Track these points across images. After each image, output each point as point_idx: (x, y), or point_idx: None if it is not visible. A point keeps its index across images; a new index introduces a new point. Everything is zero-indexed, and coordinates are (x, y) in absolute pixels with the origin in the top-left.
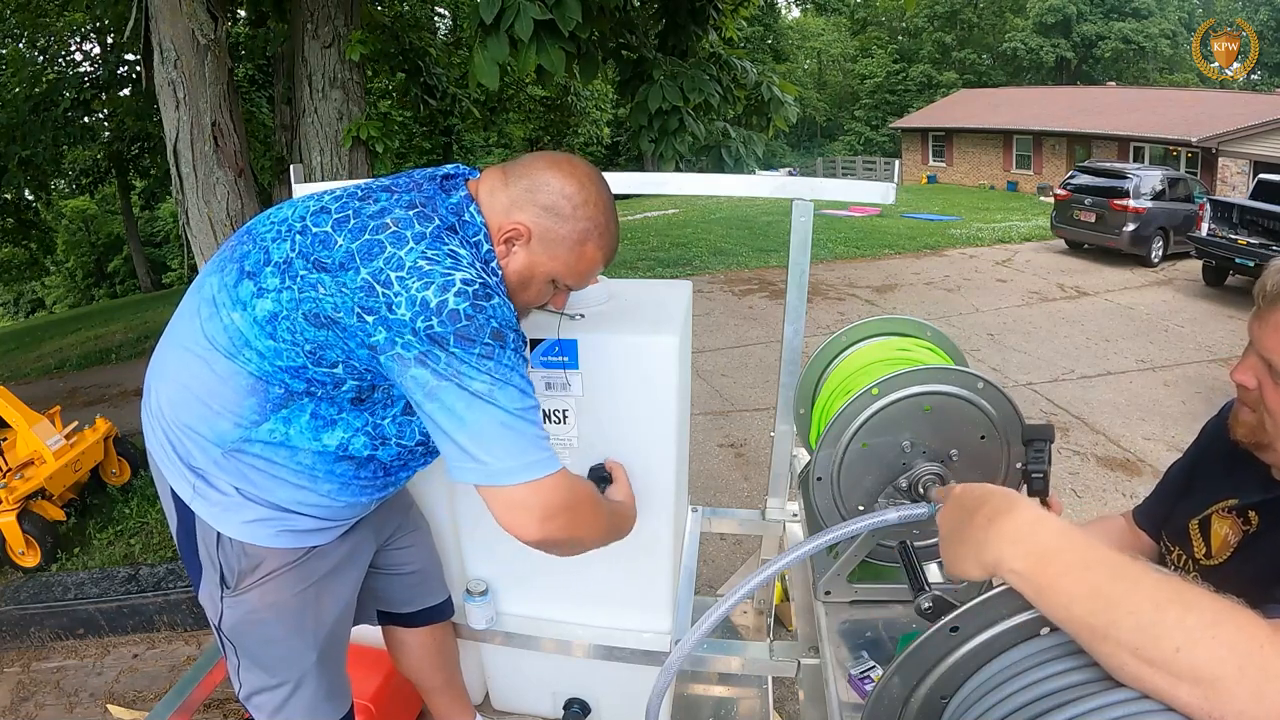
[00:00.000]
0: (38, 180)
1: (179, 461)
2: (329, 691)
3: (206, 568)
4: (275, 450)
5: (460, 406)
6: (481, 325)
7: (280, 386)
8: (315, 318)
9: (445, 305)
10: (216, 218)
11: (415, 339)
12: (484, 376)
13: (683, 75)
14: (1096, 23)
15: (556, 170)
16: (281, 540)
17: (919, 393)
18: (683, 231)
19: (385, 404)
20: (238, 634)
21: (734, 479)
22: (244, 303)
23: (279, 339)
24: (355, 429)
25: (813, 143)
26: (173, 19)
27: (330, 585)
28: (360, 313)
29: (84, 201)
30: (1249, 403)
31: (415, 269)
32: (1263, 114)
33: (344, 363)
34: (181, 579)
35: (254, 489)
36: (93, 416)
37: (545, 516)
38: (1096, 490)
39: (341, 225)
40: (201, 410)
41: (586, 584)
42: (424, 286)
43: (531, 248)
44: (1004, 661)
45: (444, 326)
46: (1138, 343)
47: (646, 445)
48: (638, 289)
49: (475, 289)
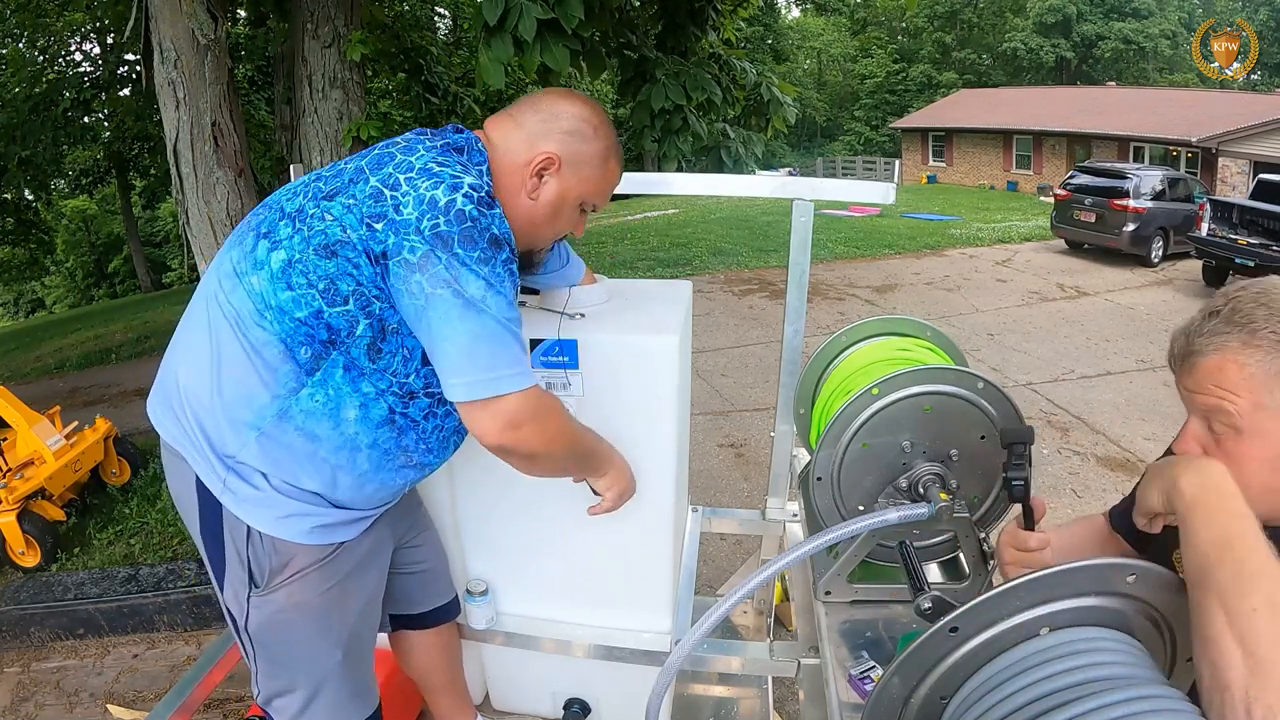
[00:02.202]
0: (38, 180)
1: (210, 451)
2: (353, 691)
3: (233, 565)
4: (318, 421)
5: (454, 313)
6: (484, 229)
7: (306, 346)
8: (325, 249)
9: (453, 205)
10: (216, 218)
11: (420, 239)
12: (480, 281)
13: (685, 74)
14: (1096, 23)
15: (569, 99)
16: (314, 536)
17: (919, 393)
18: (683, 231)
19: (404, 358)
20: (263, 635)
21: (734, 479)
22: (262, 262)
23: (294, 286)
24: (383, 390)
25: (813, 143)
26: (173, 19)
27: (355, 583)
28: (369, 221)
29: (84, 201)
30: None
31: (425, 170)
32: (1263, 114)
33: (354, 294)
34: (181, 579)
35: (286, 476)
36: (93, 416)
37: (508, 425)
38: (1096, 490)
39: (349, 164)
40: (237, 389)
41: (587, 584)
42: (433, 185)
43: (563, 174)
44: (1004, 662)
45: (449, 226)
46: (1138, 343)
47: (646, 445)
48: (638, 289)
49: (481, 195)
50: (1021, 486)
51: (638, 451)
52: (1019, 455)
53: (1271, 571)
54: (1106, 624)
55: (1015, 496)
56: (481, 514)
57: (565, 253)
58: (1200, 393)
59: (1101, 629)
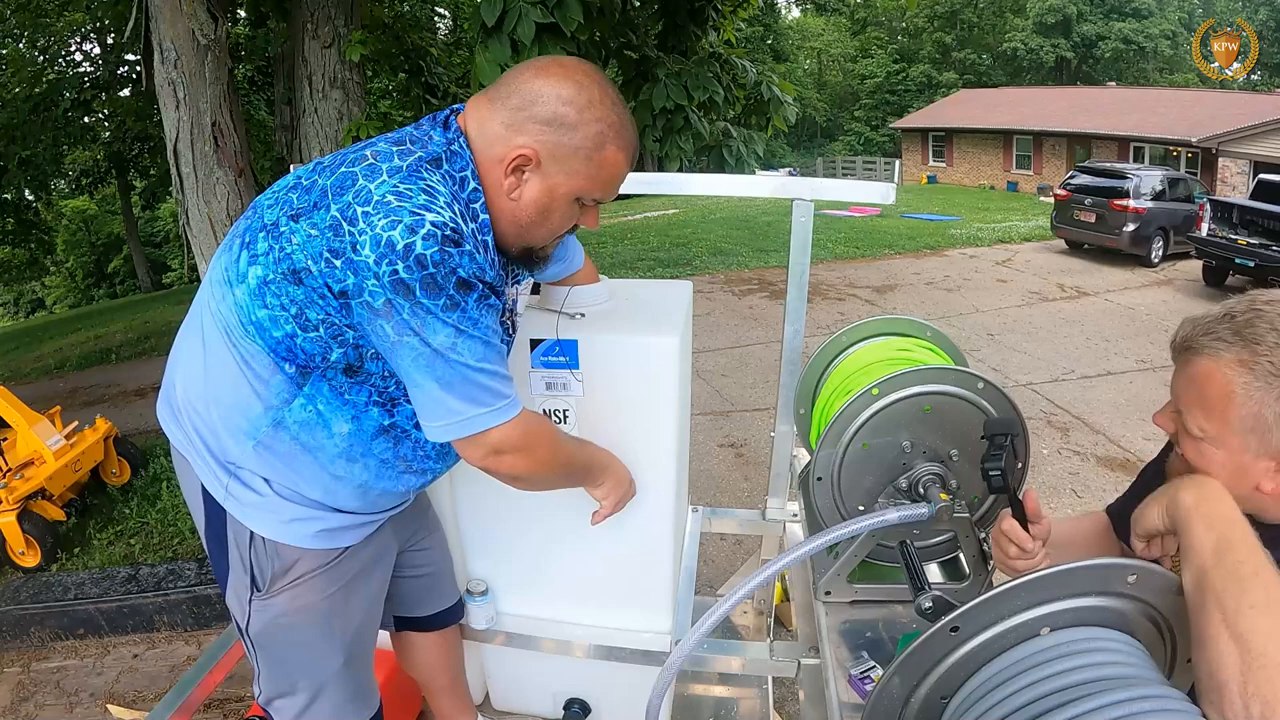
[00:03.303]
0: (38, 180)
1: (210, 458)
2: (353, 695)
3: (236, 569)
4: (311, 433)
5: (423, 362)
6: (448, 274)
7: (289, 362)
8: (292, 274)
9: (412, 249)
10: (216, 218)
11: (378, 286)
12: (448, 329)
13: (686, 74)
14: (1096, 23)
15: (546, 76)
16: (318, 541)
17: (919, 393)
18: (683, 231)
19: (382, 374)
20: (264, 638)
21: (734, 479)
22: (243, 275)
23: (270, 306)
24: (364, 403)
25: (813, 143)
26: (173, 19)
27: (358, 588)
28: (329, 256)
29: (84, 202)
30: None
31: (382, 204)
32: (1263, 114)
33: (324, 323)
34: (182, 579)
35: (287, 483)
36: (93, 416)
37: (489, 453)
38: (1097, 490)
39: (326, 170)
40: (232, 398)
41: (587, 584)
42: (390, 225)
43: (544, 170)
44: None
45: (409, 273)
46: (1138, 343)
47: (647, 445)
48: (638, 289)
49: (445, 233)
50: (999, 476)
51: (638, 452)
52: (998, 446)
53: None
54: (1107, 624)
55: (994, 487)
56: (482, 514)
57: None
58: (1183, 389)
59: (1102, 629)
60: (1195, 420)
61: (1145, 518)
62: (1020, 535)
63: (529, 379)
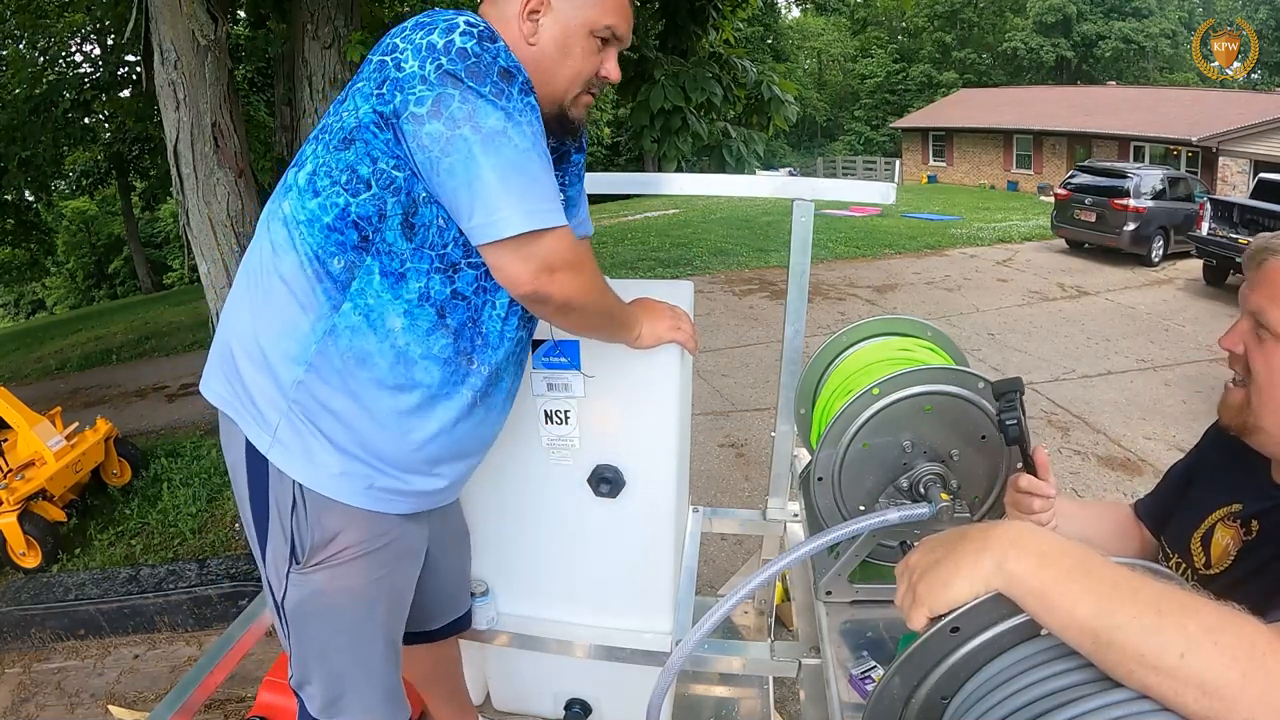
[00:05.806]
0: (38, 181)
1: (256, 408)
2: (386, 696)
3: (275, 537)
4: (364, 338)
5: (477, 149)
6: (490, 61)
7: (339, 256)
8: (343, 142)
9: (453, 44)
10: (217, 218)
11: (426, 87)
12: (498, 113)
13: (684, 75)
14: (1096, 22)
15: None
16: (367, 500)
17: (920, 393)
18: (683, 231)
19: (439, 227)
20: (299, 616)
21: (734, 479)
22: (290, 184)
23: (320, 191)
24: (425, 271)
25: (813, 143)
26: (173, 20)
27: (398, 581)
28: (375, 91)
29: (84, 202)
30: (1236, 378)
31: (417, 24)
32: (1263, 114)
33: (374, 176)
34: (182, 580)
35: (340, 422)
36: (93, 417)
37: (542, 269)
38: (1097, 490)
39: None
40: (279, 323)
41: (588, 584)
42: (428, 32)
43: (555, 9)
44: (1005, 662)
45: (453, 64)
46: (1138, 342)
47: (648, 445)
48: (638, 289)
49: (481, 29)
50: (1016, 427)
51: (639, 452)
52: (1010, 401)
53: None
54: None
55: (1010, 438)
56: (483, 514)
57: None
58: (1255, 290)
59: None
60: (1267, 318)
61: (950, 598)
62: (1040, 485)
63: (529, 379)
